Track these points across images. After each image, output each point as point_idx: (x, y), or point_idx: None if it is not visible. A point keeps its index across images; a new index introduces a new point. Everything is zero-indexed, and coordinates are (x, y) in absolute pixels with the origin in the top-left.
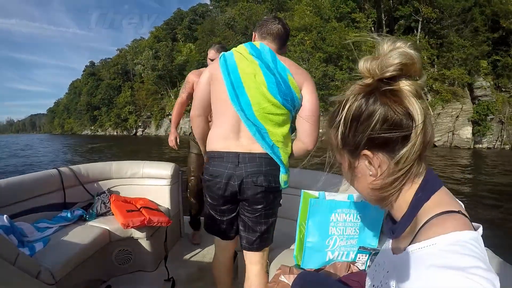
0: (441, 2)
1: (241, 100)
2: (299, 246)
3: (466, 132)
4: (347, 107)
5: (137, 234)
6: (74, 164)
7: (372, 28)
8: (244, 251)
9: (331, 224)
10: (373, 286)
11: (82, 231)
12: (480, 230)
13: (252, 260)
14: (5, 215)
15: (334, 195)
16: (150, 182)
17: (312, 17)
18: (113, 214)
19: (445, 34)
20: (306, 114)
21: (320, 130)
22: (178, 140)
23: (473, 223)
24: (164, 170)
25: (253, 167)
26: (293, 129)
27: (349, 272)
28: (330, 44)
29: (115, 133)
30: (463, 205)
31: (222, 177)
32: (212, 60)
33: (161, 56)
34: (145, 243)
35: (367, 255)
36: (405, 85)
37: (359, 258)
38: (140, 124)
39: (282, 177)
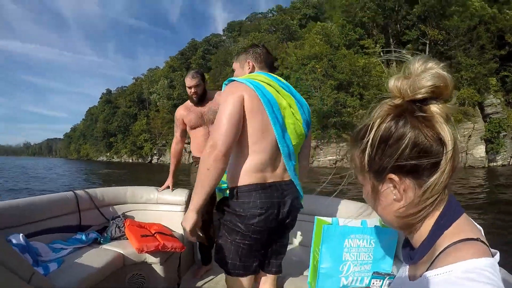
0: (447, 23)
1: (285, 137)
2: (313, 272)
3: (480, 151)
4: (375, 128)
5: (151, 259)
6: (89, 188)
7: (381, 53)
8: (261, 277)
9: (344, 250)
10: None
11: (96, 254)
12: (497, 256)
13: (268, 284)
14: (21, 234)
15: (347, 221)
16: (164, 208)
17: (322, 45)
18: (127, 239)
19: (453, 55)
20: (308, 141)
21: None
22: (171, 189)
23: (491, 249)
24: (179, 196)
25: (293, 193)
26: None
27: None
28: (341, 71)
29: (130, 160)
30: (482, 231)
31: (274, 207)
32: (189, 87)
33: (176, 85)
34: (158, 268)
35: (381, 280)
36: (436, 109)
37: (373, 283)
38: (155, 152)
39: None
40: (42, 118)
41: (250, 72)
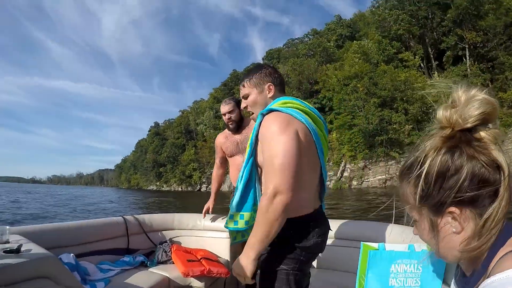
0: (483, 24)
1: (323, 165)
2: None
3: None
4: (428, 162)
5: (196, 283)
6: (139, 214)
7: (421, 64)
8: None
9: (391, 275)
10: None
11: (143, 276)
12: None
13: None
14: (71, 254)
15: (393, 246)
16: (210, 235)
17: (361, 64)
18: (173, 263)
19: (494, 56)
20: None
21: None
22: (210, 211)
23: None
24: (225, 223)
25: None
26: None
27: None
28: (383, 88)
29: (179, 189)
30: None
31: (326, 232)
32: (224, 114)
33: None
34: None
35: None
36: (485, 135)
37: None
38: (204, 181)
39: None
40: (94, 150)
41: (272, 97)
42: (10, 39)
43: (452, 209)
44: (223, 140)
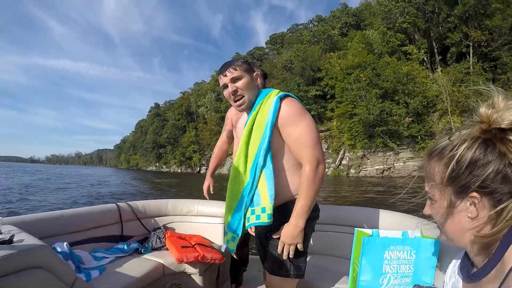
0: (489, 24)
1: None
2: (352, 285)
3: None
4: (463, 147)
5: (190, 269)
6: (142, 198)
7: (425, 58)
8: None
9: (384, 262)
10: None
11: (137, 263)
12: None
13: None
14: (65, 242)
15: (387, 232)
16: (204, 220)
17: (364, 54)
18: (167, 249)
19: (498, 56)
20: None
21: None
22: (211, 189)
23: None
24: (219, 208)
25: None
26: None
27: None
28: (385, 80)
29: (179, 170)
30: None
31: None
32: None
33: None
34: (197, 279)
35: None
36: None
37: None
38: (204, 163)
39: None
40: (93, 130)
41: (257, 86)
42: (9, 17)
43: (474, 194)
44: (234, 112)
